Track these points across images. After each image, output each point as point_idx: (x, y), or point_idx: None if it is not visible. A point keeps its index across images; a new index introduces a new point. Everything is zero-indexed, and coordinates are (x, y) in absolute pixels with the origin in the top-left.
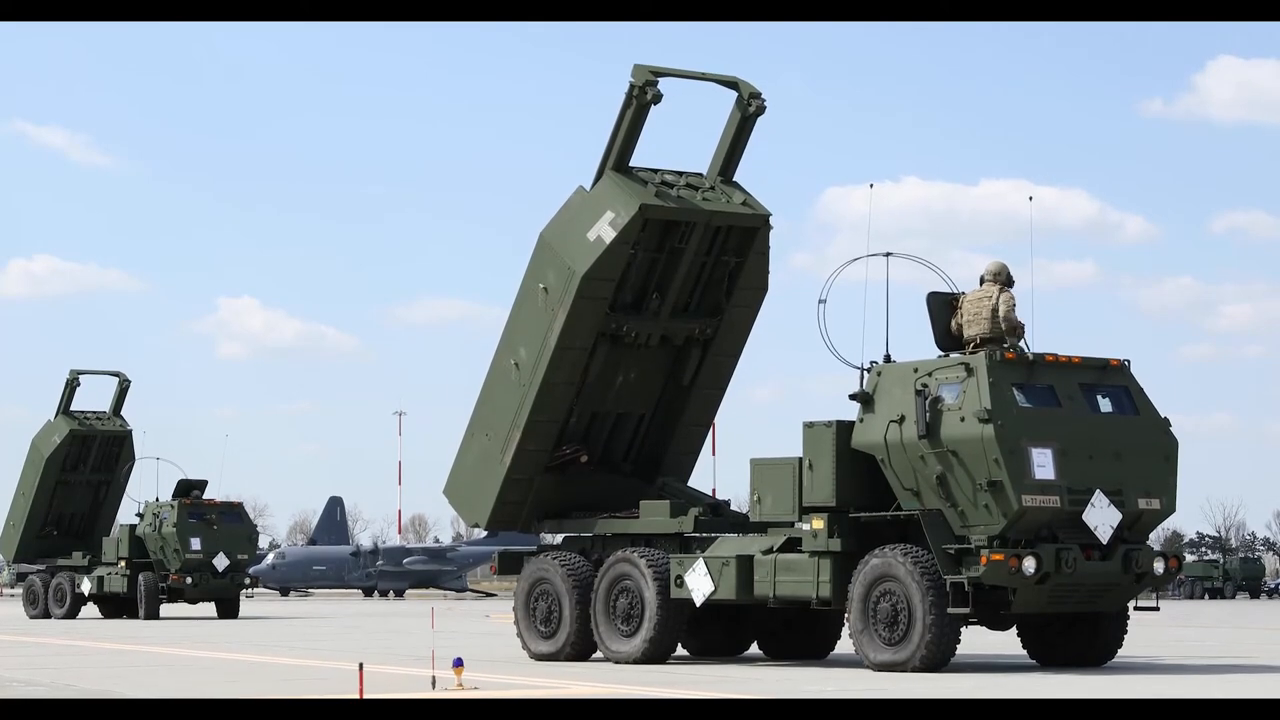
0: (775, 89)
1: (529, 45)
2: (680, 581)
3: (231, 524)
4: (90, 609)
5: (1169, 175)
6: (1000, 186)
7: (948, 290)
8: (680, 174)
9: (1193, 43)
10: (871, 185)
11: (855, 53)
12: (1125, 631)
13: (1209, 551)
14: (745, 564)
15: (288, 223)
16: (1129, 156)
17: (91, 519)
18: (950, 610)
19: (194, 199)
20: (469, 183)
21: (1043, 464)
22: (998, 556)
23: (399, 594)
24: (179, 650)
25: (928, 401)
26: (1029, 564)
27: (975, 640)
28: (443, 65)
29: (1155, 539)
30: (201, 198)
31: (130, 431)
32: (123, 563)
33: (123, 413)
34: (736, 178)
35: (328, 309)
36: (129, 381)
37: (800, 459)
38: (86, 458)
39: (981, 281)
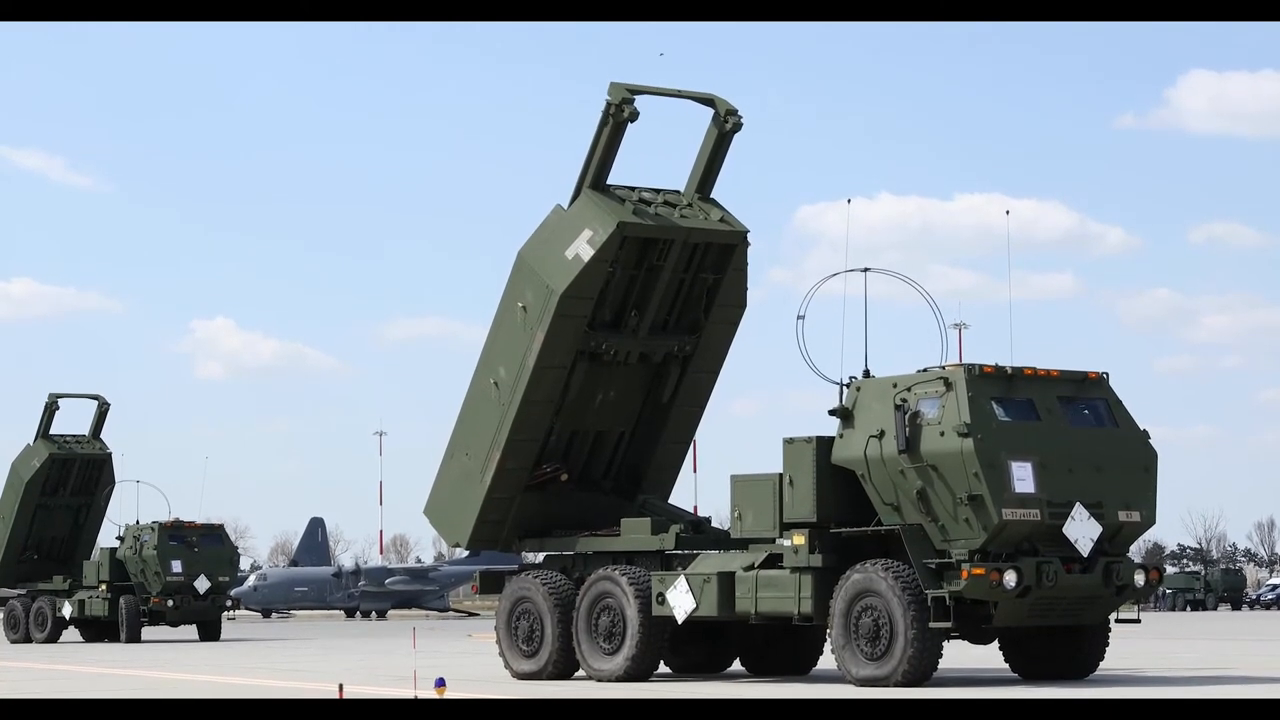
0: (750, 106)
1: (505, 64)
2: (662, 599)
3: (212, 546)
4: (71, 633)
5: (1146, 187)
6: (976, 200)
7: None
8: (658, 191)
9: (1165, 56)
10: (850, 201)
11: (828, 68)
12: (1107, 644)
13: (1190, 563)
14: (727, 581)
15: (265, 243)
16: (1106, 169)
17: (72, 542)
18: (932, 625)
19: (171, 221)
20: (447, 201)
21: (1022, 477)
22: (979, 570)
23: (381, 614)
24: (161, 674)
25: (907, 416)
26: (1010, 578)
27: (957, 655)
28: (420, 84)
29: (1136, 551)
30: (178, 219)
31: (110, 454)
32: (104, 586)
33: (102, 435)
34: (713, 194)
35: (306, 329)
36: (108, 404)
37: (780, 475)
38: (66, 481)
39: None
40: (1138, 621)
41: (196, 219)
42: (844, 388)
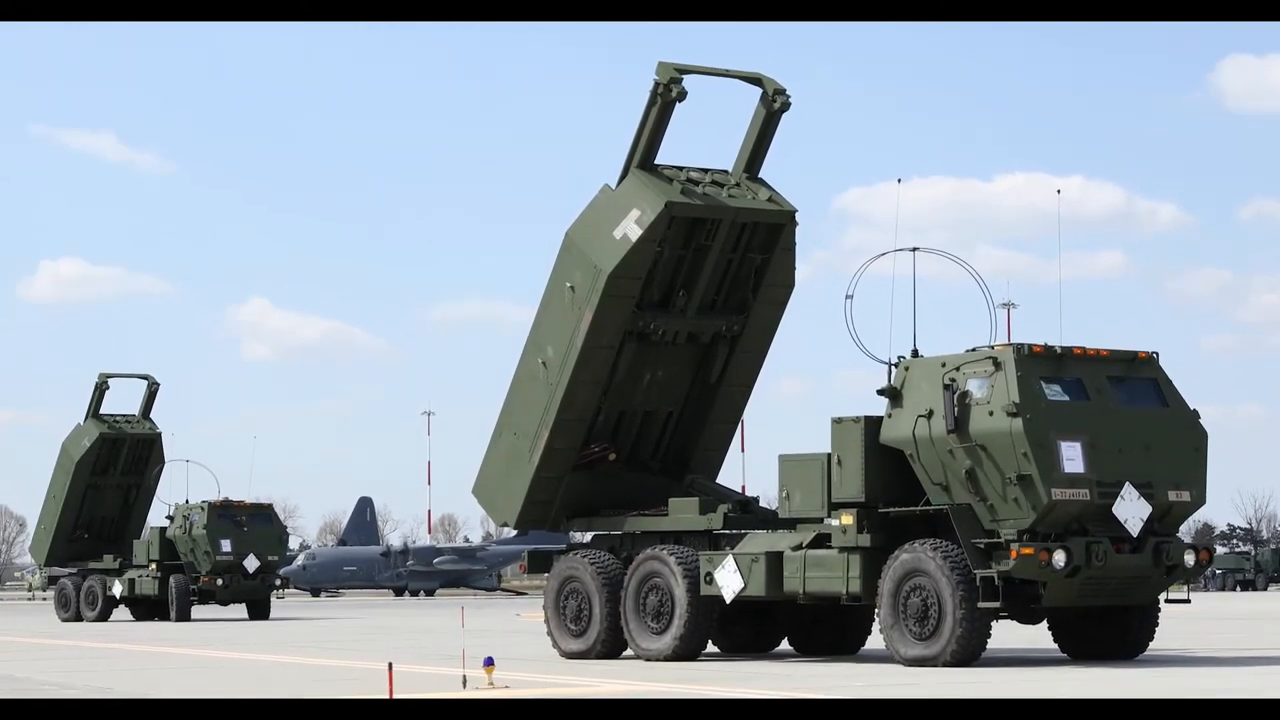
0: (797, 86)
1: (554, 44)
2: (710, 578)
3: (261, 525)
4: (121, 611)
5: (1195, 165)
6: (1023, 180)
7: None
8: (705, 171)
9: (1210, 39)
10: (900, 180)
11: (875, 49)
12: (1156, 624)
13: (1240, 543)
14: (775, 560)
15: (314, 223)
16: (1156, 147)
17: (122, 522)
18: (981, 604)
19: (220, 201)
20: (495, 182)
21: (1072, 457)
22: (1028, 550)
23: (429, 594)
24: (211, 652)
25: (956, 396)
26: (1059, 558)
27: (1006, 635)
28: (468, 64)
29: (1186, 531)
30: (228, 200)
31: (159, 434)
32: (154, 565)
33: (152, 415)
34: (761, 174)
35: (355, 309)
36: (158, 384)
37: (829, 455)
38: (116, 461)
39: None
40: (1188, 602)
41: (244, 200)
42: (892, 367)
